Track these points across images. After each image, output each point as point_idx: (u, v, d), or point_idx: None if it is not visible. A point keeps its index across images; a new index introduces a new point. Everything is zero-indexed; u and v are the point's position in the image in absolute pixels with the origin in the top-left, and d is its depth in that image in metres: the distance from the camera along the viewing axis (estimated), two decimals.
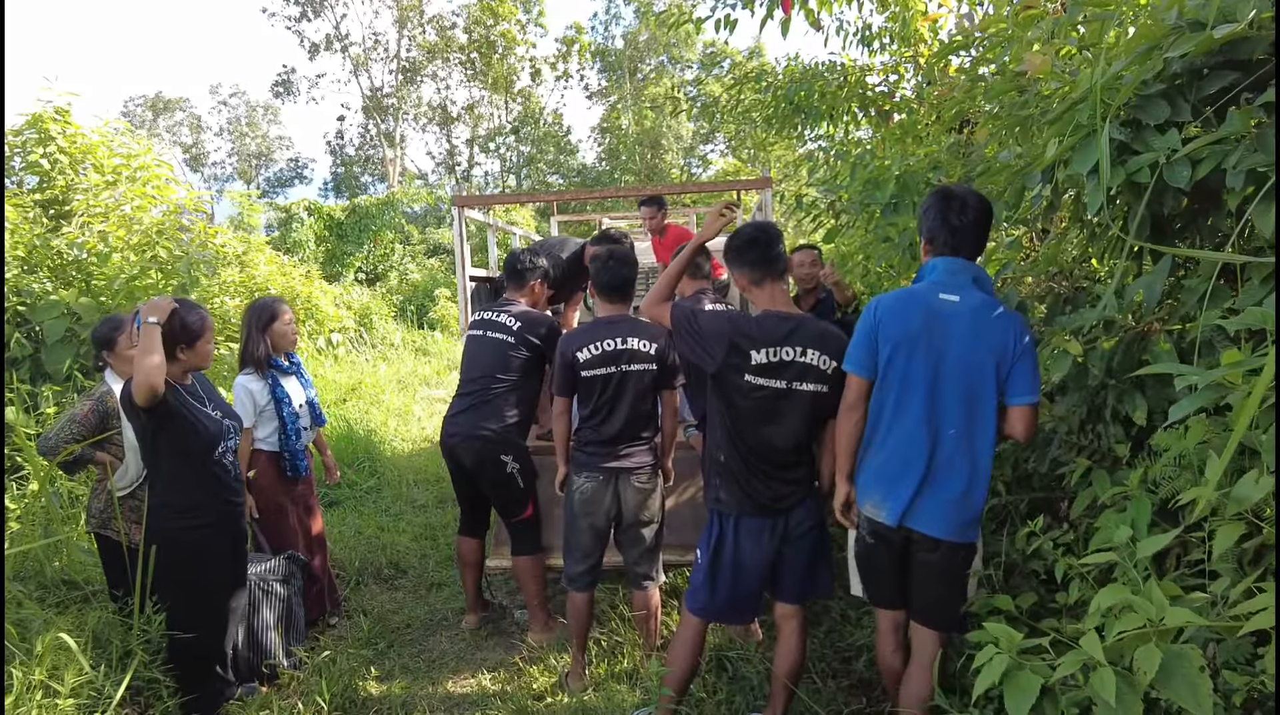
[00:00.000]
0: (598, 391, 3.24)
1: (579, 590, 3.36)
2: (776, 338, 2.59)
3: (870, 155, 4.94)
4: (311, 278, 10.09)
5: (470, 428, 3.67)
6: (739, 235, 2.70)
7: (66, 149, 6.55)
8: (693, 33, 27.69)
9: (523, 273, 3.91)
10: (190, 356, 3.00)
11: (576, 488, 3.29)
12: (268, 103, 38.65)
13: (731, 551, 2.73)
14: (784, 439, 2.65)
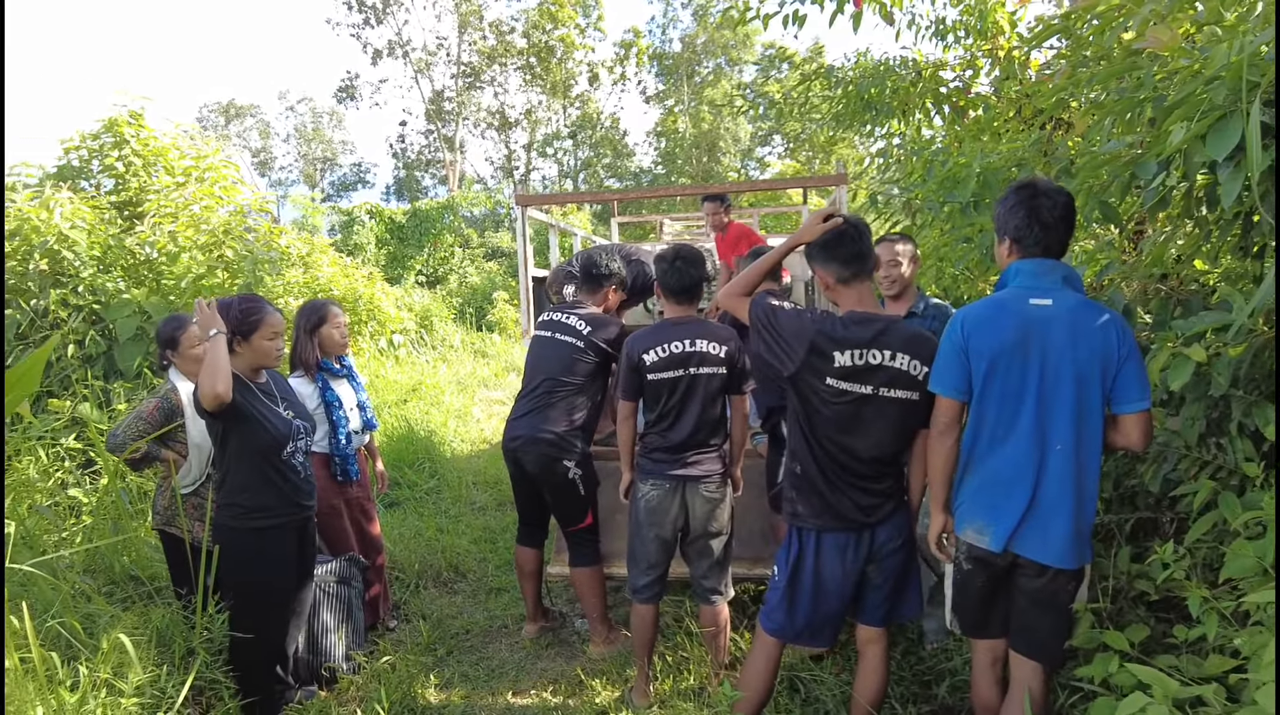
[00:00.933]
0: (665, 395, 3.11)
1: (644, 602, 3.22)
2: (863, 340, 2.42)
3: (945, 152, 4.71)
4: (374, 279, 10.17)
5: (533, 431, 3.58)
6: (826, 231, 2.54)
7: (140, 152, 6.71)
8: (752, 34, 27.33)
9: (599, 278, 3.80)
10: (246, 351, 2.96)
11: (642, 496, 3.15)
12: (333, 108, 39.69)
13: (812, 570, 2.55)
14: (868, 448, 2.47)
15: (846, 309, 2.52)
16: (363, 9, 27.68)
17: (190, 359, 3.40)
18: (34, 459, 4.67)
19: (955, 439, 2.39)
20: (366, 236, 17.74)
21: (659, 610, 3.29)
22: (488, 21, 28.72)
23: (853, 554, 2.52)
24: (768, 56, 29.56)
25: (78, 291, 5.56)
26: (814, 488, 2.51)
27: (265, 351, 3.00)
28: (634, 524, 3.19)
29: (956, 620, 2.51)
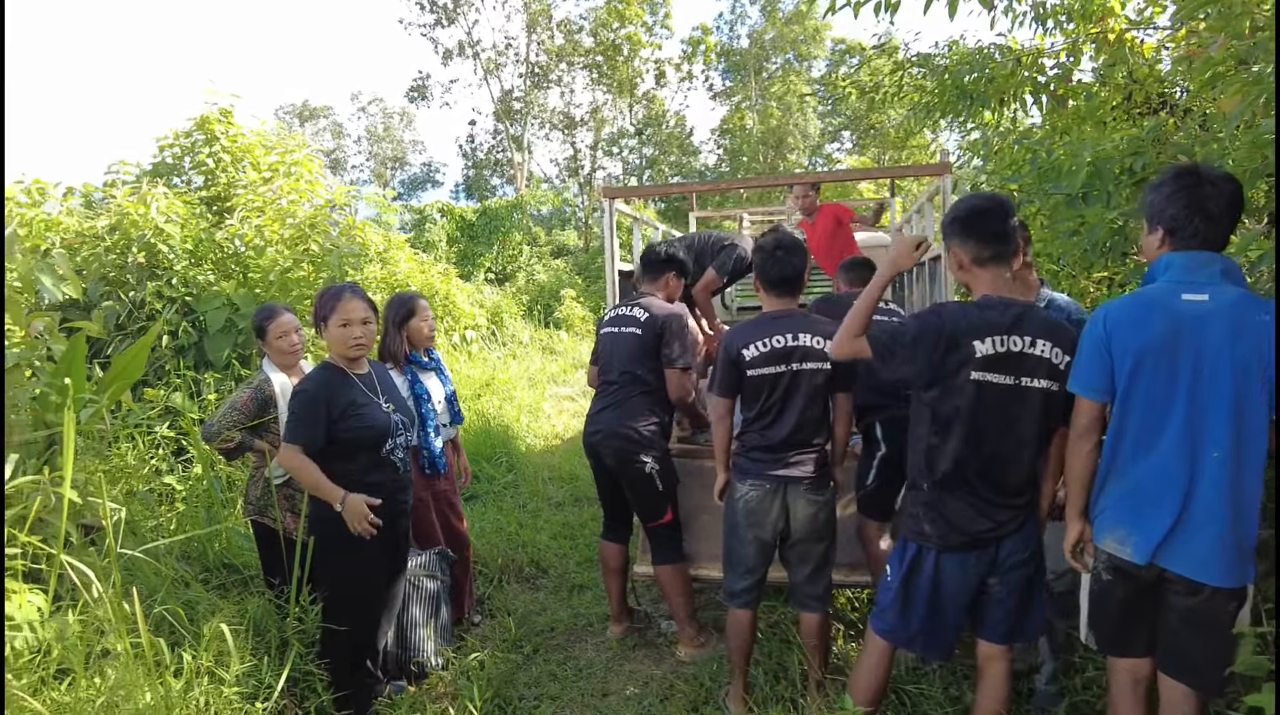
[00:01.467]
0: (766, 392, 2.95)
1: (741, 607, 3.07)
2: (1002, 325, 2.24)
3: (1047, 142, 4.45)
4: (449, 275, 10.27)
5: (611, 425, 3.54)
6: (967, 205, 2.35)
7: (228, 148, 6.86)
8: (822, 28, 26.84)
9: (656, 265, 3.77)
10: (326, 338, 2.95)
11: (740, 496, 2.99)
12: (403, 109, 40.48)
13: (930, 580, 2.39)
14: (1014, 451, 2.28)
15: (979, 294, 2.34)
16: (434, 9, 28.11)
17: (277, 349, 3.40)
18: (132, 446, 4.78)
19: (1096, 442, 2.22)
20: (438, 234, 18.00)
21: (756, 615, 3.14)
22: (556, 20, 28.87)
23: (974, 567, 2.35)
24: (838, 51, 29.04)
25: (171, 284, 5.70)
26: (943, 508, 2.35)
27: (336, 338, 2.94)
28: (730, 526, 3.05)
29: (1093, 635, 2.32)
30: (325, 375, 2.89)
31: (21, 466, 2.54)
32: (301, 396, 2.80)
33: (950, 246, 2.38)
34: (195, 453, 4.81)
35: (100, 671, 2.33)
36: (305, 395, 2.80)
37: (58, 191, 6.23)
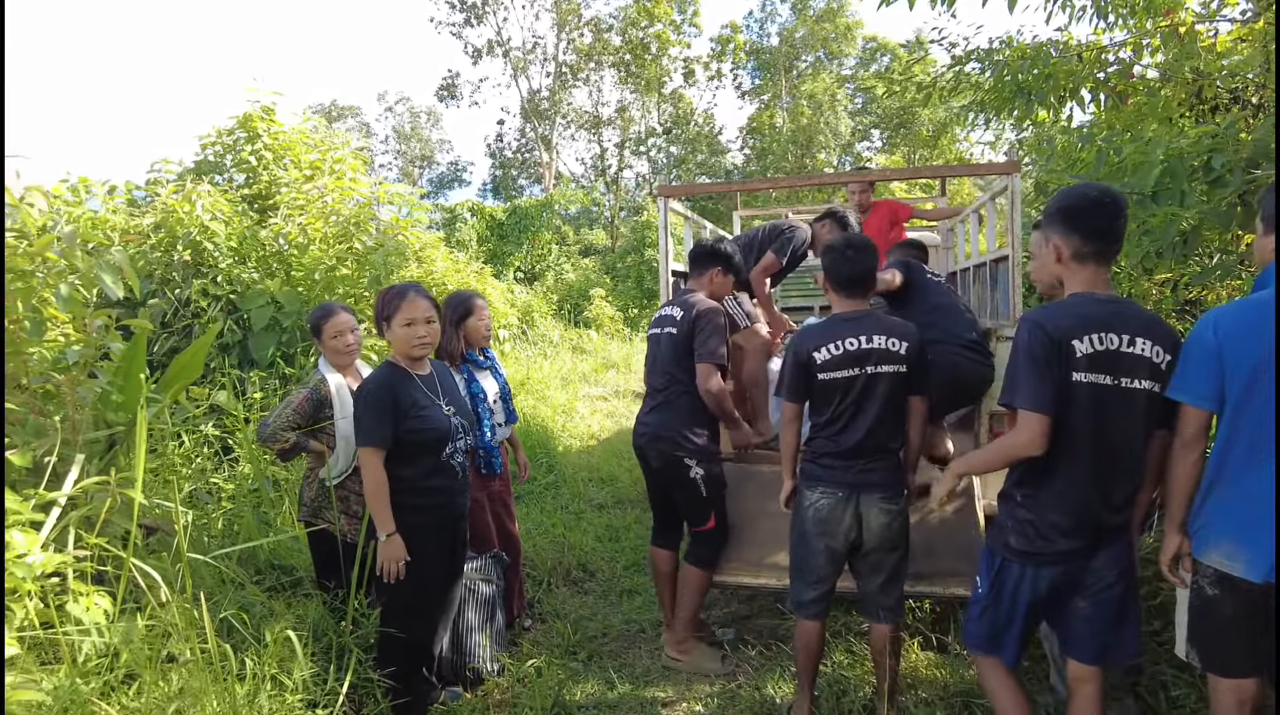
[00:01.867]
0: (838, 397, 2.84)
1: (810, 618, 2.97)
2: (1098, 321, 2.12)
3: (1116, 139, 4.29)
4: (484, 274, 10.24)
5: (655, 428, 3.49)
6: (1077, 194, 2.20)
7: (271, 146, 6.86)
8: (853, 26, 26.61)
9: (698, 259, 3.66)
10: (390, 338, 2.89)
11: (810, 504, 2.89)
12: (430, 107, 40.68)
13: (1014, 594, 2.31)
14: (1117, 458, 2.16)
15: (1072, 291, 2.22)
16: (464, 8, 28.21)
17: (332, 349, 3.35)
18: (178, 444, 4.77)
19: (1200, 454, 2.12)
20: (469, 233, 18.05)
21: (825, 626, 3.04)
22: (585, 19, 28.86)
23: (1062, 581, 2.25)
24: (868, 49, 28.77)
25: (217, 282, 5.70)
26: (1040, 521, 2.23)
27: (402, 338, 2.87)
28: (800, 534, 2.95)
29: (1195, 652, 2.20)
30: (389, 375, 2.84)
31: (86, 467, 2.51)
32: (369, 397, 2.75)
33: (1050, 237, 2.24)
34: (242, 452, 4.79)
35: (166, 676, 2.29)
36: (372, 396, 2.74)
37: (102, 189, 6.26)
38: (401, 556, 2.75)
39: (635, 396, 10.93)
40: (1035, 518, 2.23)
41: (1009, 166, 3.73)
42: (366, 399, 2.75)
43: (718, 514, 3.51)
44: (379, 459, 2.72)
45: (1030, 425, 2.12)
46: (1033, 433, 2.12)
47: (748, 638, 3.79)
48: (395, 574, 2.75)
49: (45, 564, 2.12)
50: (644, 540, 5.10)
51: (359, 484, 3.32)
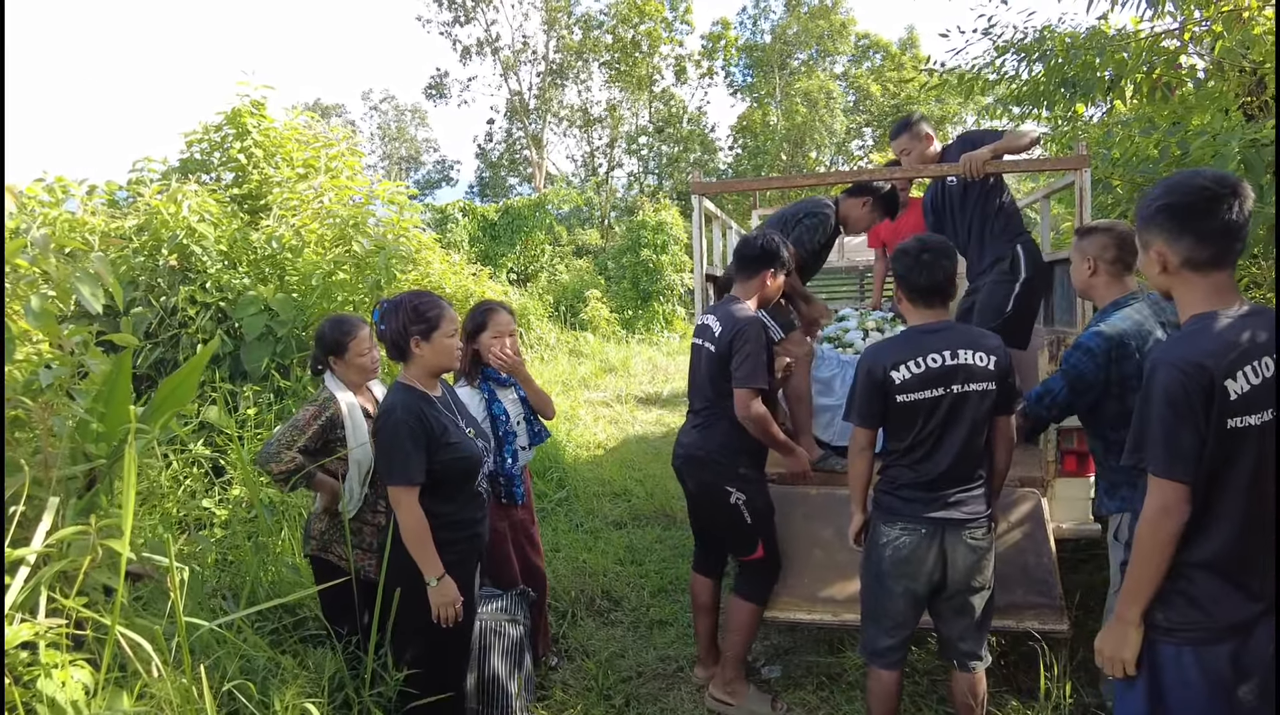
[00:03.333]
0: (921, 420, 2.51)
1: (887, 668, 2.64)
2: (1260, 342, 1.69)
3: (1179, 131, 4.00)
4: (482, 276, 9.88)
5: (691, 450, 3.19)
6: (1183, 186, 1.74)
7: (261, 143, 6.47)
8: (848, 23, 26.44)
9: (751, 262, 3.21)
10: (428, 352, 2.55)
11: (889, 542, 2.55)
12: (416, 107, 40.11)
13: (1194, 699, 1.76)
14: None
15: (1192, 309, 1.76)
16: (453, 6, 27.78)
17: (356, 368, 3.01)
18: (165, 465, 4.39)
19: None
20: (460, 234, 17.66)
21: (903, 676, 2.72)
22: (575, 17, 28.50)
23: (1228, 670, 1.75)
24: (861, 46, 28.57)
25: (205, 288, 5.31)
26: (1207, 585, 1.75)
27: (448, 350, 2.58)
28: (875, 575, 2.62)
29: None
30: (413, 400, 2.49)
31: (62, 511, 2.14)
32: (398, 428, 2.39)
33: (1149, 242, 1.79)
34: (235, 473, 4.42)
35: None
36: (402, 426, 2.39)
37: (80, 189, 5.85)
38: (457, 599, 2.45)
39: (637, 402, 10.61)
40: (1192, 589, 1.76)
41: (1077, 160, 3.42)
42: (395, 430, 2.40)
43: (766, 542, 3.17)
44: (414, 497, 2.38)
45: (1165, 493, 1.69)
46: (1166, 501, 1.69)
47: (795, 676, 3.47)
48: (452, 617, 2.46)
49: (13, 637, 1.76)
50: (668, 562, 4.79)
51: (373, 514, 3.00)
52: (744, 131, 28.51)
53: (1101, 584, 3.65)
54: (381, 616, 2.58)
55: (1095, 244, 2.70)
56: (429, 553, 2.40)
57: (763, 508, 3.15)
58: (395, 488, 2.40)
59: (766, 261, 3.19)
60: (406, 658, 2.52)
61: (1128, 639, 1.76)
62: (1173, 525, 1.67)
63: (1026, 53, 4.66)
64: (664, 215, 18.27)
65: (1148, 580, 1.72)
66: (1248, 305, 1.75)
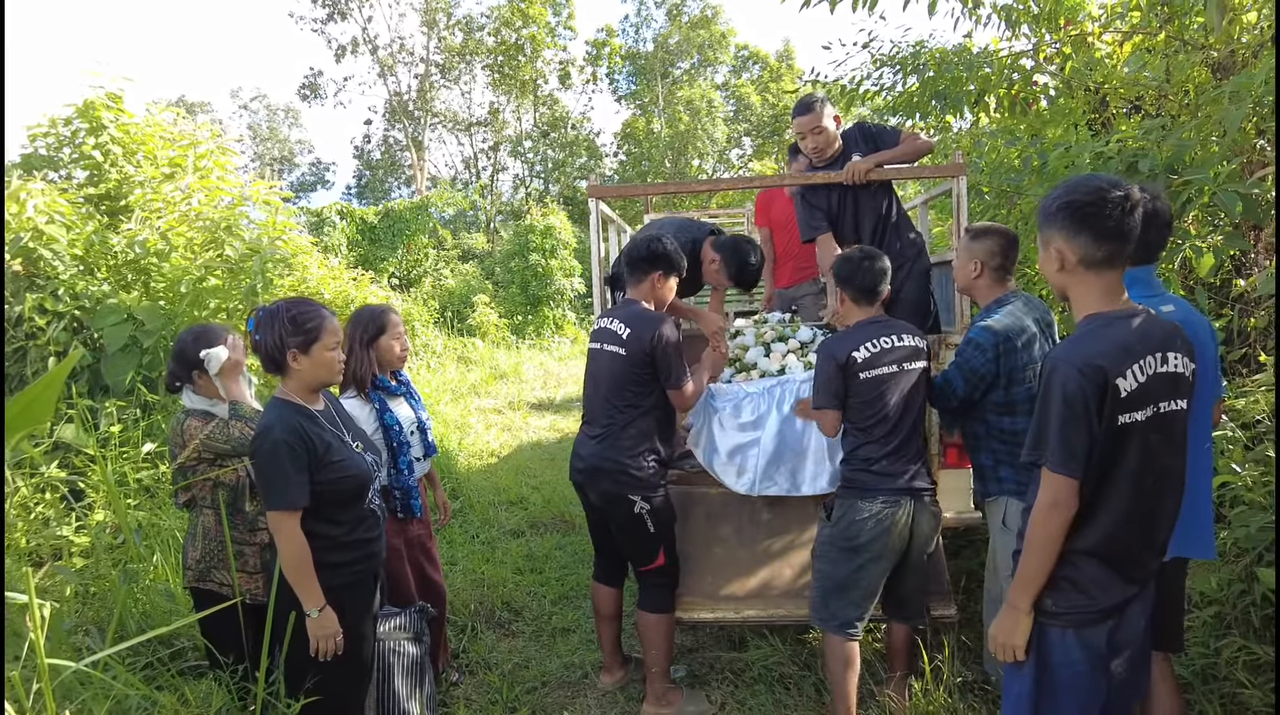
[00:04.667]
0: (886, 393, 2.77)
1: (853, 639, 2.82)
2: (1150, 344, 1.80)
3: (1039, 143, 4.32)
4: (363, 281, 9.51)
5: (595, 460, 3.12)
6: (1084, 187, 1.81)
7: (119, 139, 5.99)
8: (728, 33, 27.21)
9: (637, 263, 3.21)
10: (306, 365, 2.38)
11: (870, 516, 2.73)
12: (289, 106, 38.28)
13: (1077, 676, 1.87)
14: (1169, 502, 1.89)
15: (1086, 308, 1.87)
16: (325, 3, 26.69)
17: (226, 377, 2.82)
18: (12, 491, 4.00)
19: None
20: (338, 238, 16.96)
21: None
22: (455, 19, 27.96)
23: (1106, 648, 1.87)
24: (741, 57, 29.35)
25: (57, 295, 4.86)
26: (1096, 572, 1.84)
27: (329, 363, 2.43)
28: (849, 551, 2.78)
29: None
30: (291, 415, 2.34)
31: None
32: (276, 448, 2.24)
33: (1050, 240, 1.87)
34: (97, 496, 4.07)
35: None
36: (281, 445, 2.24)
37: None
38: (336, 632, 2.31)
39: (530, 408, 10.49)
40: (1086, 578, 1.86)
41: (955, 168, 3.61)
42: (274, 451, 2.24)
43: (666, 549, 3.18)
44: (295, 522, 2.25)
45: (1057, 488, 1.78)
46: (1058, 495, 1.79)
47: (700, 674, 3.50)
48: (331, 651, 2.31)
49: None
50: (568, 569, 4.74)
51: (254, 534, 2.82)
52: (629, 138, 28.77)
53: (979, 568, 3.88)
54: (272, 642, 2.43)
55: (984, 247, 2.92)
56: (309, 582, 2.27)
57: (666, 516, 3.16)
58: (276, 513, 2.26)
59: (653, 263, 3.20)
60: (302, 684, 2.38)
61: (1019, 626, 1.86)
62: (1062, 518, 1.78)
63: (903, 66, 4.90)
64: (552, 219, 18.18)
65: (1039, 570, 1.82)
66: (1133, 305, 1.88)
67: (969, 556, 4.15)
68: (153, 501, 4.30)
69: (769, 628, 3.55)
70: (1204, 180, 3.26)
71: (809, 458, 3.27)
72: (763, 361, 3.57)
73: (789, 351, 3.59)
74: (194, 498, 2.72)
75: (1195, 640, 2.82)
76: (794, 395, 3.29)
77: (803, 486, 3.28)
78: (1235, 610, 2.78)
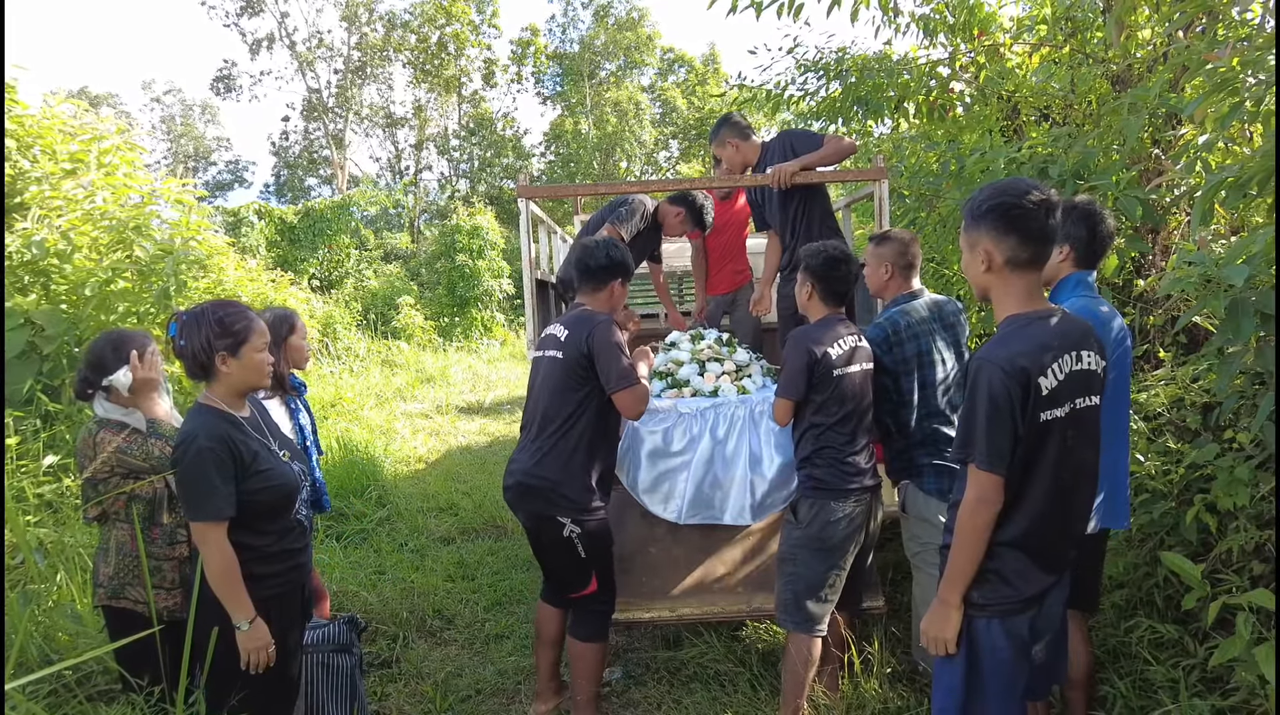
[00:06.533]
0: (852, 391, 2.82)
1: (820, 635, 2.85)
2: (1067, 342, 1.88)
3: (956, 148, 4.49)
4: (282, 283, 9.22)
5: (525, 477, 2.93)
6: (1012, 190, 1.87)
7: (13, 132, 5.63)
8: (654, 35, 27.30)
9: (596, 273, 3.05)
10: (236, 369, 2.30)
11: (844, 516, 2.78)
12: (205, 101, 36.69)
13: (1002, 664, 1.94)
14: (1087, 492, 2.00)
15: (1008, 309, 1.93)
16: None
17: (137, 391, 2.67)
18: None
19: None
20: (256, 238, 16.36)
21: None
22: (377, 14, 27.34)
23: (1028, 635, 1.96)
24: (667, 60, 29.55)
25: None
26: (1014, 567, 1.91)
27: (258, 366, 2.34)
28: (824, 551, 2.81)
29: None
30: (215, 423, 2.25)
31: None
32: (202, 457, 2.14)
33: (977, 241, 1.91)
34: None
35: None
36: (207, 453, 2.14)
37: None
38: (268, 643, 2.23)
39: (459, 412, 10.33)
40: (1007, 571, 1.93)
41: (876, 172, 3.72)
42: (199, 460, 2.14)
43: (600, 575, 2.98)
44: (222, 533, 2.16)
45: (983, 484, 1.84)
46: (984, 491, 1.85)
47: (636, 674, 3.51)
48: (263, 663, 2.23)
49: None
50: (501, 575, 4.68)
51: (172, 547, 2.69)
52: (557, 138, 28.65)
53: (904, 560, 4.00)
54: (193, 660, 2.33)
55: (891, 249, 3.04)
56: (238, 594, 2.18)
57: (599, 540, 2.96)
58: (201, 524, 2.16)
59: (615, 271, 3.07)
60: (225, 703, 2.29)
61: (950, 620, 1.91)
62: (990, 513, 1.84)
63: (826, 72, 5.02)
64: (480, 219, 17.95)
65: (968, 564, 1.88)
66: (1050, 305, 1.96)
67: (894, 549, 4.26)
68: (56, 517, 4.06)
69: (704, 625, 3.57)
70: (1107, 186, 3.44)
71: (734, 487, 3.30)
72: (696, 380, 3.52)
73: (724, 372, 3.55)
74: (105, 512, 2.58)
75: (1105, 622, 2.97)
76: (727, 421, 3.31)
77: (725, 517, 3.31)
78: (1141, 592, 2.94)
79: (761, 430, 3.32)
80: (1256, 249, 2.47)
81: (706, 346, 3.69)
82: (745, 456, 3.29)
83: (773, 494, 3.30)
